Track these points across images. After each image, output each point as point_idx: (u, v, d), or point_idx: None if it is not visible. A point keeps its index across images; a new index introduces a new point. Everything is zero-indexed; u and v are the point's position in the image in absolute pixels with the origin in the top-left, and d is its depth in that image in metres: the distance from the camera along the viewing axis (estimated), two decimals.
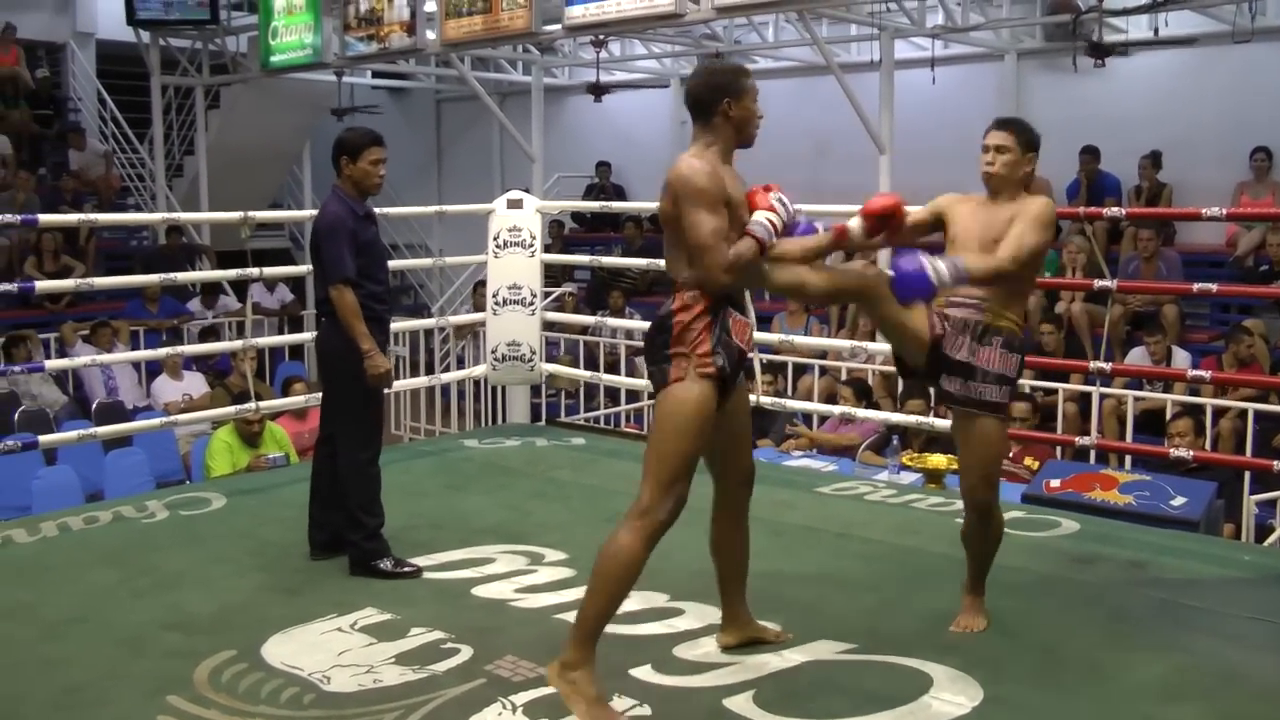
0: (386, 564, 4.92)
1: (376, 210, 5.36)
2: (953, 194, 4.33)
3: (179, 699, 3.74)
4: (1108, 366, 6.39)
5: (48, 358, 10.22)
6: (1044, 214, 4.04)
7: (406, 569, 4.91)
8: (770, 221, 3.67)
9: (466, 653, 4.07)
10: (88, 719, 3.68)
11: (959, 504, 5.79)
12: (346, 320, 4.93)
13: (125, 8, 14.47)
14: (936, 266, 3.79)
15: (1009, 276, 3.97)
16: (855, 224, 4.07)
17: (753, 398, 7.14)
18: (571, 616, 3.69)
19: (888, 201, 4.10)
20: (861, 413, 7.23)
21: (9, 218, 7.10)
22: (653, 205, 11.70)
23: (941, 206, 4.29)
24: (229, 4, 14.82)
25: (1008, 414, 4.23)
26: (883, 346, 8.70)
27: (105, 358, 9.11)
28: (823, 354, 9.56)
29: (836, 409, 7.54)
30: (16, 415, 9.29)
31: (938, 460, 6.64)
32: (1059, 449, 7.51)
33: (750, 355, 4.89)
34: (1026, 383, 8.69)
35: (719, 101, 3.73)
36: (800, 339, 7.87)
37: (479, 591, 4.67)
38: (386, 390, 5.21)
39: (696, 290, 3.66)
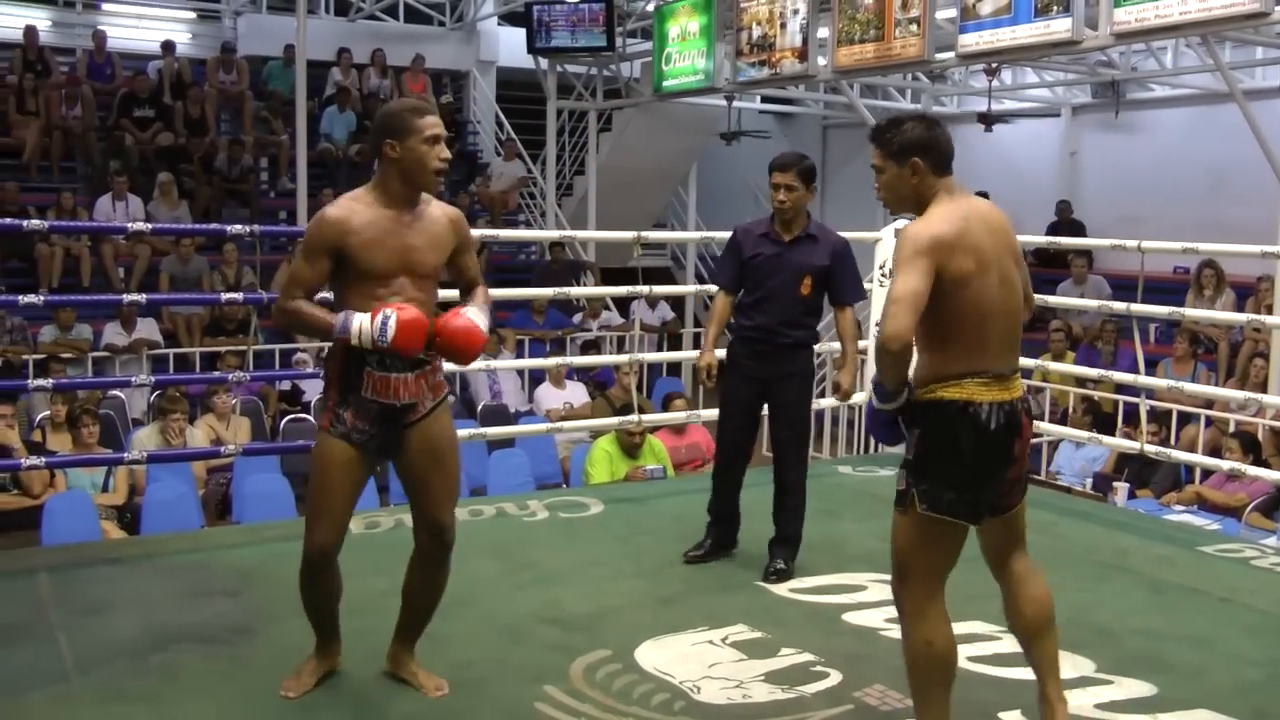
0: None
1: None
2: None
3: (556, 690, 3.88)
4: None
5: None
6: (904, 246, 3.19)
7: None
8: (360, 326, 3.52)
9: (835, 677, 4.06)
10: (475, 694, 3.88)
11: None
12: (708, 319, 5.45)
13: (526, 37, 15.21)
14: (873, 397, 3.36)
15: (901, 340, 3.12)
16: None
17: (1136, 445, 6.85)
18: None
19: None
20: (1250, 469, 6.72)
21: None
22: (1038, 239, 11.44)
23: None
24: (624, 31, 15.34)
25: (910, 504, 3.28)
26: (1276, 400, 8.18)
27: (498, 363, 9.53)
28: (1209, 403, 9.02)
29: (1224, 464, 7.08)
30: None
31: None
32: None
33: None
34: None
35: (381, 142, 3.60)
36: (1188, 386, 7.43)
37: (850, 618, 4.63)
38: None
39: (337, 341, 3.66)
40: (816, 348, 5.48)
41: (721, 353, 5.43)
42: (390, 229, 3.59)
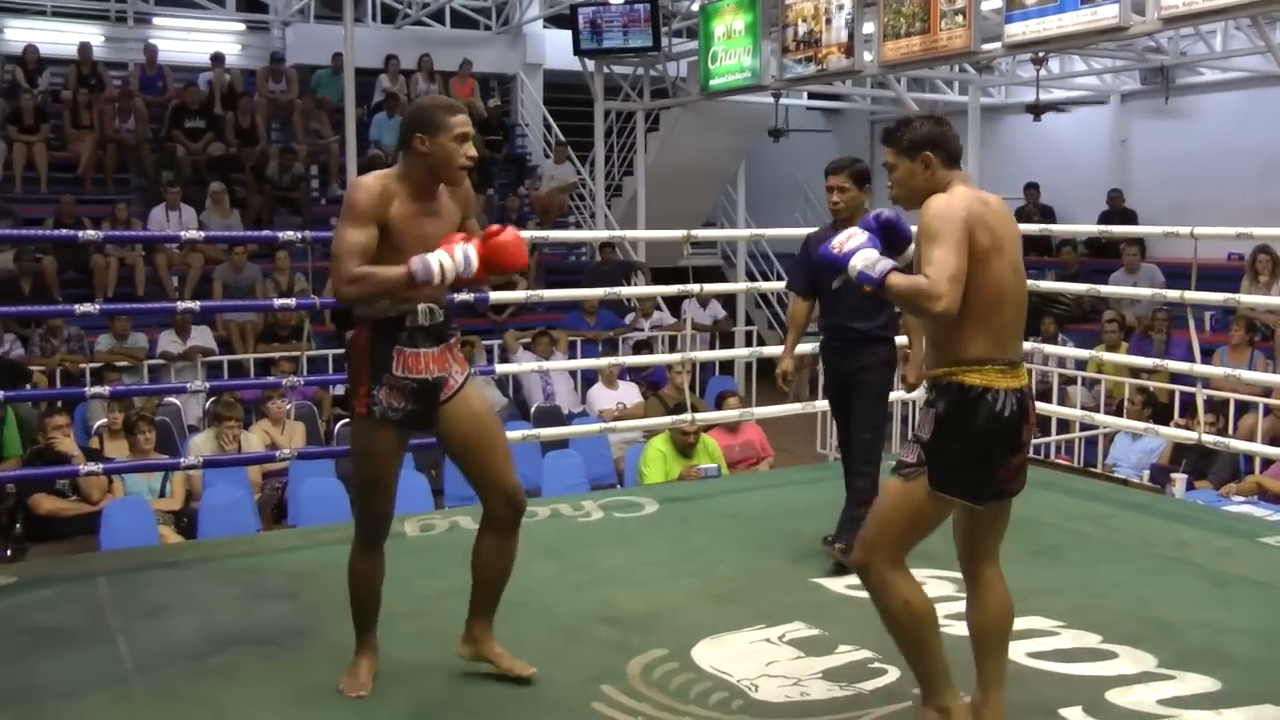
0: None
1: None
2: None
3: (613, 689, 3.88)
4: None
5: (489, 363, 10.82)
6: (937, 216, 3.30)
7: None
8: (440, 263, 3.59)
9: (894, 674, 4.03)
10: (532, 695, 3.89)
11: None
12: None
13: (572, 40, 15.23)
14: (867, 257, 3.33)
15: (952, 315, 3.22)
16: None
17: (1194, 435, 6.76)
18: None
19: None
20: None
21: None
22: (1090, 228, 11.31)
23: None
24: (670, 31, 15.32)
25: (912, 475, 3.37)
26: None
27: (550, 364, 9.58)
28: (1267, 391, 8.90)
29: None
30: None
31: None
32: None
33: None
34: None
35: (411, 135, 3.70)
36: (1245, 374, 7.34)
37: None
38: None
39: (361, 323, 3.78)
40: None
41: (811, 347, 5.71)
42: (414, 218, 3.72)
